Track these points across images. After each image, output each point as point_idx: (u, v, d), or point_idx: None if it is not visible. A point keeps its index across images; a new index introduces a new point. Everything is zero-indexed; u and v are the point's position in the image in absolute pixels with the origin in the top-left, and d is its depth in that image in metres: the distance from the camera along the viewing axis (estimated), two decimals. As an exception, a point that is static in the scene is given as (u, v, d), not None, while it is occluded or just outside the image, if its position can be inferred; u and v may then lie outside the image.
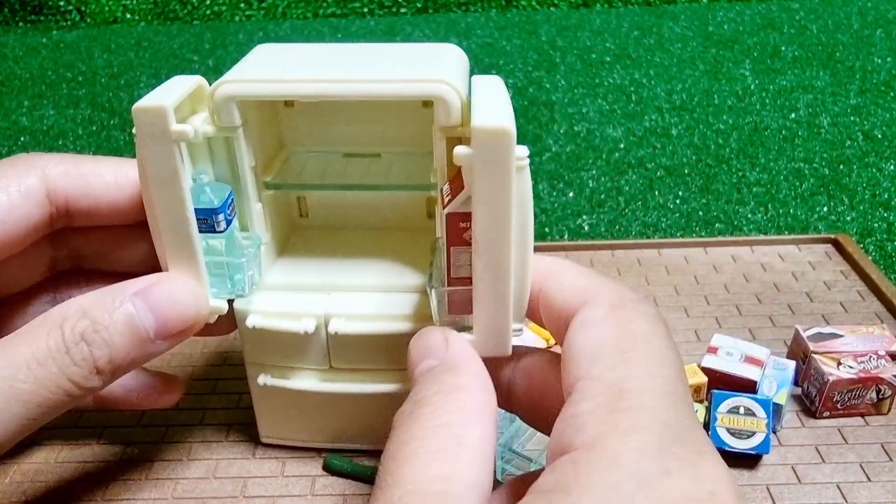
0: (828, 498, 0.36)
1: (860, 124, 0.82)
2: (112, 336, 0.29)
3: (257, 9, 1.37)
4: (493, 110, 0.26)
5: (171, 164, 0.28)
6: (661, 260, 0.54)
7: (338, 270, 0.36)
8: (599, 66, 1.04)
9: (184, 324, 0.31)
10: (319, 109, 0.38)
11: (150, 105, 0.28)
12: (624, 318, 0.24)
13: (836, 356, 0.41)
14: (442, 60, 0.33)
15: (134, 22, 1.36)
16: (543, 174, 0.73)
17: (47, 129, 0.88)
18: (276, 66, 0.33)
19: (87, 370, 0.29)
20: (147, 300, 0.30)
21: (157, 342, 0.31)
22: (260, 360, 0.36)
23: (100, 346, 0.29)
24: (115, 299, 0.30)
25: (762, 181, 0.71)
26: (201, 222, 0.30)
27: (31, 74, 1.07)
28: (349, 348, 0.35)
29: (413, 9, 1.35)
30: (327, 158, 0.38)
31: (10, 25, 1.35)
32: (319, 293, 0.35)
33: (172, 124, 0.28)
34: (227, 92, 0.30)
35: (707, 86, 0.95)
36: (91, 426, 0.41)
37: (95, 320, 0.29)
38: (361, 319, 0.34)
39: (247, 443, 0.39)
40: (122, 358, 0.30)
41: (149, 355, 0.31)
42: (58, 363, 0.28)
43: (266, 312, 0.34)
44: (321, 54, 0.35)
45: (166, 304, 0.31)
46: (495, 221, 0.27)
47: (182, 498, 0.36)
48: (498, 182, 0.26)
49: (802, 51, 1.06)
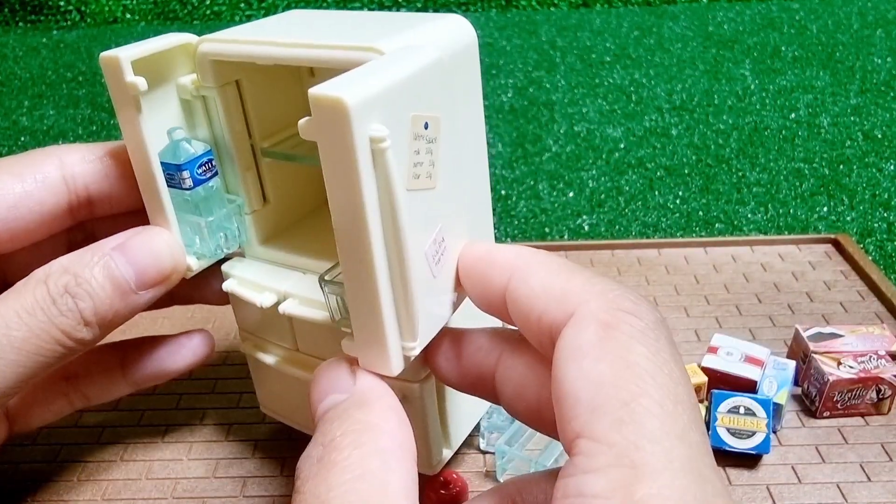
0: (828, 498, 0.36)
1: (860, 124, 0.82)
2: (94, 288, 0.30)
3: (257, 9, 1.37)
4: (355, 77, 0.22)
5: (131, 113, 0.29)
6: (661, 260, 0.54)
7: (323, 253, 0.35)
8: (599, 66, 1.04)
9: (161, 273, 0.32)
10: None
11: (109, 55, 0.28)
12: (620, 344, 0.21)
13: (836, 356, 0.41)
14: (420, 29, 0.30)
15: (134, 22, 1.36)
16: (543, 174, 0.73)
17: (47, 129, 0.88)
18: (275, 28, 0.32)
19: (75, 321, 0.30)
20: (125, 253, 0.31)
21: (139, 293, 0.31)
22: (244, 326, 0.36)
23: (83, 297, 0.30)
24: (95, 254, 0.31)
25: (762, 181, 0.71)
26: (168, 177, 0.31)
27: (31, 74, 1.07)
28: (312, 334, 0.34)
29: (413, 9, 1.35)
30: None
31: (10, 25, 1.35)
32: (296, 271, 0.34)
33: (128, 75, 0.28)
34: (203, 50, 0.31)
35: (707, 86, 0.95)
36: (91, 426, 0.41)
37: (77, 274, 0.30)
38: (315, 305, 0.32)
39: (247, 443, 0.39)
40: (107, 309, 0.30)
41: (133, 307, 0.31)
42: (46, 313, 0.29)
43: (241, 279, 0.34)
44: (337, 20, 0.33)
45: (144, 255, 0.31)
46: (347, 212, 0.23)
47: (182, 498, 0.36)
48: (342, 161, 0.22)
49: (802, 51, 1.06)
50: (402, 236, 0.23)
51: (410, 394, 0.31)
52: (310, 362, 0.34)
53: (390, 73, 0.23)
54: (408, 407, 0.26)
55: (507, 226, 0.64)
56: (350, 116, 0.21)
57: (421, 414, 0.32)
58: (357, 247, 0.23)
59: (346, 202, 0.23)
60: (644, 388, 0.20)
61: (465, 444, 0.38)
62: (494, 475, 0.37)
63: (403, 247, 0.24)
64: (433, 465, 0.34)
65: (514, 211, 0.67)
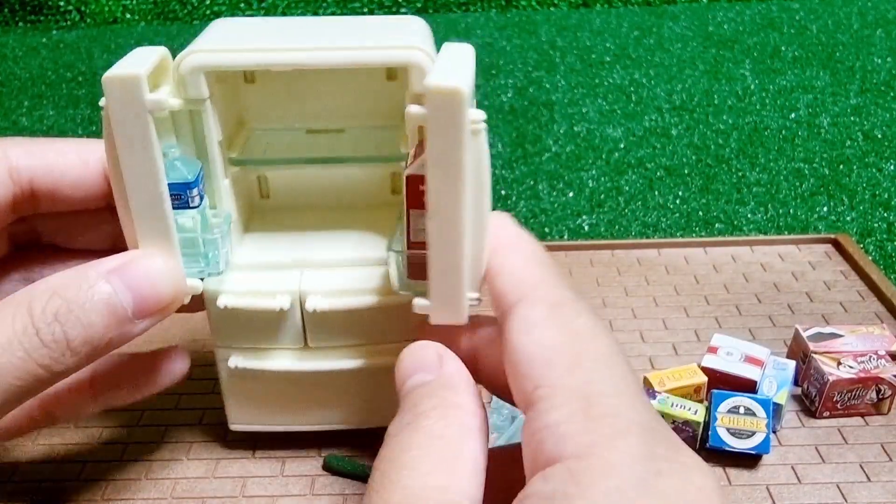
0: (828, 498, 0.36)
1: (860, 124, 0.82)
2: (88, 315, 0.28)
3: (257, 9, 1.37)
4: (450, 71, 0.26)
5: (144, 136, 0.27)
6: (661, 260, 0.54)
7: (307, 247, 0.36)
8: (599, 66, 1.04)
9: (162, 302, 0.30)
10: (281, 85, 0.37)
11: (124, 73, 0.26)
12: (565, 316, 0.24)
13: (836, 356, 0.41)
14: (408, 29, 0.33)
15: (134, 22, 1.36)
16: (543, 174, 0.73)
17: (47, 129, 0.88)
18: (240, 37, 0.32)
19: (59, 352, 0.27)
20: (124, 277, 0.29)
21: (135, 321, 0.29)
22: (231, 342, 0.35)
23: (74, 325, 0.28)
24: (90, 277, 0.28)
25: (762, 181, 0.71)
26: (174, 198, 0.29)
27: (31, 74, 1.07)
28: (327, 325, 0.34)
29: (413, 9, 1.35)
30: (290, 135, 0.38)
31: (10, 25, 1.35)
32: (291, 270, 0.34)
33: (146, 94, 0.27)
34: (195, 62, 0.29)
35: (707, 86, 0.95)
36: (91, 426, 0.41)
37: (69, 300, 0.28)
38: (338, 295, 0.34)
39: (247, 443, 0.39)
40: (100, 338, 0.28)
41: (127, 336, 0.30)
42: (24, 346, 0.27)
43: (238, 292, 0.33)
44: (285, 27, 0.34)
45: (143, 281, 0.29)
46: (448, 183, 0.26)
47: (182, 498, 0.36)
48: (450, 143, 0.26)
49: (802, 51, 1.06)
50: (486, 201, 0.28)
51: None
52: (321, 355, 0.35)
53: (466, 66, 0.27)
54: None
55: (506, 226, 0.64)
56: (464, 102, 0.25)
57: None
58: (452, 214, 0.27)
59: (447, 175, 0.26)
60: (588, 347, 0.24)
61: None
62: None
63: (485, 211, 0.28)
64: None
65: (514, 211, 0.67)
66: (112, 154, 0.28)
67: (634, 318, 0.48)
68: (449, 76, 0.25)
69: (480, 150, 0.27)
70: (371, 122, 0.38)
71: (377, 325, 0.35)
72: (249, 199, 0.38)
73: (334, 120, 0.38)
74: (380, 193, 0.39)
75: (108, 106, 0.27)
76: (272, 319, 0.34)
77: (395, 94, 0.37)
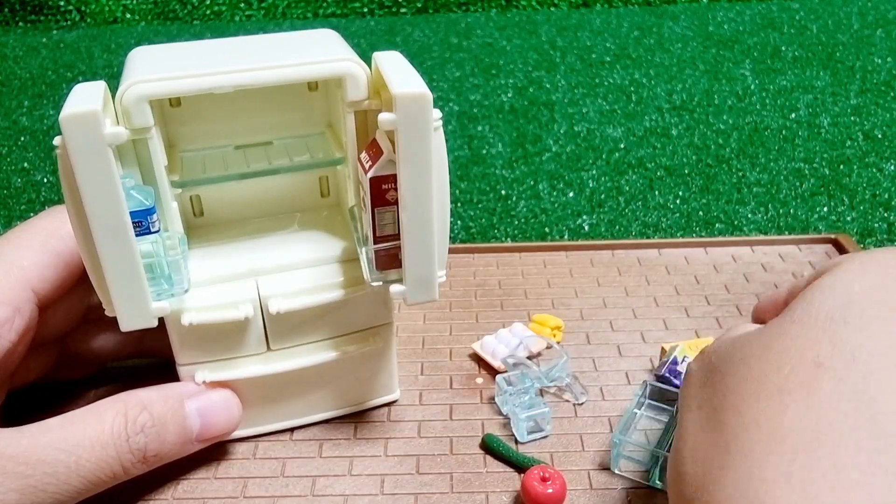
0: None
1: (860, 124, 0.82)
2: (167, 433, 0.33)
3: (257, 9, 1.37)
4: (407, 79, 0.29)
5: (107, 169, 0.28)
6: (662, 260, 0.54)
7: (253, 256, 0.37)
8: (599, 66, 1.04)
9: (222, 434, 0.36)
10: (206, 106, 0.37)
11: (82, 111, 0.27)
12: None
13: (836, 356, 0.41)
14: (332, 42, 0.35)
15: (134, 22, 1.36)
16: (543, 174, 0.73)
17: (47, 129, 0.88)
18: (172, 64, 0.32)
19: (138, 458, 0.32)
20: (201, 407, 0.35)
21: (195, 443, 0.35)
22: (195, 358, 0.36)
23: (153, 439, 0.33)
24: (177, 400, 0.34)
25: (762, 181, 0.71)
26: (136, 225, 0.30)
27: (31, 74, 1.07)
28: (288, 326, 0.36)
29: (413, 9, 1.35)
30: (220, 152, 0.38)
31: (10, 25, 1.35)
32: (245, 279, 0.36)
33: (106, 127, 0.27)
34: (139, 92, 0.30)
35: (707, 86, 0.95)
36: (91, 426, 0.41)
37: (155, 416, 0.33)
38: (297, 295, 0.35)
39: (247, 443, 0.39)
40: (167, 454, 0.34)
41: (184, 454, 0.35)
42: (117, 448, 0.31)
43: (199, 308, 0.34)
44: (208, 50, 0.35)
45: (213, 413, 0.35)
46: (420, 178, 0.30)
47: (182, 498, 0.36)
48: (420, 142, 0.29)
49: (802, 51, 1.06)
50: (446, 189, 0.32)
51: (383, 331, 0.38)
52: (285, 355, 0.37)
53: (413, 72, 0.30)
54: (380, 342, 0.38)
55: (507, 226, 0.64)
56: (430, 104, 0.29)
57: (388, 347, 0.39)
58: (423, 202, 0.30)
59: (418, 170, 0.30)
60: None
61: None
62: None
63: (446, 197, 0.32)
64: (394, 391, 0.41)
65: (514, 211, 0.67)
66: (71, 191, 0.29)
67: (635, 318, 0.48)
68: (411, 83, 0.29)
69: (440, 145, 0.31)
70: (296, 132, 0.39)
71: (334, 318, 0.37)
72: (186, 219, 0.39)
73: (260, 134, 0.39)
74: (309, 198, 0.41)
75: (66, 144, 0.27)
76: (236, 329, 0.35)
77: (316, 103, 0.39)
